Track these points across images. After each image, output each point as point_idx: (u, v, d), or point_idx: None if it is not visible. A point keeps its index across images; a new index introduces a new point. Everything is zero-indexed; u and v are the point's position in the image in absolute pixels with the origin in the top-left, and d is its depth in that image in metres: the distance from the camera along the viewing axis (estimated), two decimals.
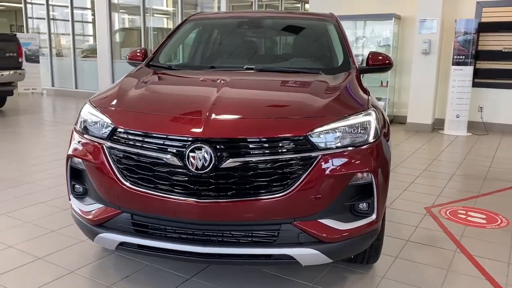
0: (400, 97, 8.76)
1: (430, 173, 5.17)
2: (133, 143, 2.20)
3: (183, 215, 2.11)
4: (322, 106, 2.30)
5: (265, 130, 2.12)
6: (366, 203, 2.26)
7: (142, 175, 2.17)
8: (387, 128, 2.57)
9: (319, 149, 2.13)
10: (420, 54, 7.77)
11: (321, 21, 3.67)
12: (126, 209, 2.23)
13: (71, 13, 12.56)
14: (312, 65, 3.26)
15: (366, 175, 2.21)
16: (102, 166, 2.24)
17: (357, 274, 2.73)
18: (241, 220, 2.11)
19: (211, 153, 2.03)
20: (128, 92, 2.54)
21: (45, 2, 12.86)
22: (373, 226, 2.30)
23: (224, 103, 2.29)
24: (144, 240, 2.21)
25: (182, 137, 2.09)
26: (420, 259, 2.95)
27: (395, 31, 8.49)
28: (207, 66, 3.30)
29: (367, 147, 2.25)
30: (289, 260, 2.16)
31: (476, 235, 3.38)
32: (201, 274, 2.68)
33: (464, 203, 4.10)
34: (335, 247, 2.19)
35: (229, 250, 2.13)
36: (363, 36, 8.92)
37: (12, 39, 8.80)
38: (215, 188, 2.07)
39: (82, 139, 2.39)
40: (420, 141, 7.09)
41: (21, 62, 8.91)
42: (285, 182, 2.09)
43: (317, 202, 2.13)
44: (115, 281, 2.59)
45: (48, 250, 2.95)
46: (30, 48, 12.63)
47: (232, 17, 3.81)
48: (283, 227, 2.13)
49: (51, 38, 13.28)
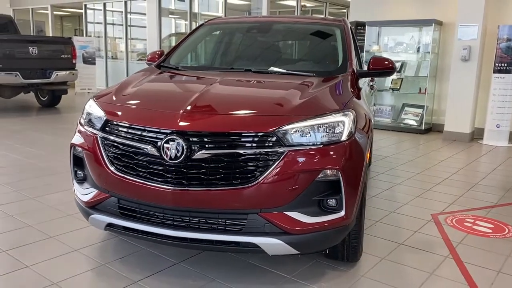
0: (440, 105, 8.54)
1: (452, 181, 5.06)
2: (119, 134, 2.44)
3: (159, 201, 2.32)
4: (295, 105, 2.43)
5: (235, 125, 2.28)
6: (334, 200, 2.35)
7: (127, 163, 2.40)
8: (367, 130, 2.65)
9: (286, 145, 2.26)
10: (459, 60, 7.55)
11: (328, 26, 3.77)
12: (114, 194, 2.48)
13: (125, 18, 13.32)
14: (308, 68, 3.38)
15: (334, 172, 2.31)
16: (95, 154, 2.51)
17: (338, 271, 2.81)
18: (210, 208, 2.29)
19: (183, 145, 2.22)
20: (125, 89, 2.80)
21: (102, 8, 13.73)
22: (342, 222, 2.38)
23: (203, 100, 2.48)
24: (128, 223, 2.44)
25: (158, 129, 2.30)
26: (406, 262, 2.97)
27: (436, 37, 8.31)
28: (210, 67, 3.51)
29: (338, 145, 2.35)
30: (256, 248, 2.30)
31: (475, 243, 3.32)
32: (189, 260, 2.88)
33: (475, 212, 4.01)
34: (300, 238, 2.31)
35: (200, 235, 2.31)
36: (402, 42, 8.79)
37: (67, 41, 9.51)
38: (187, 177, 2.26)
39: (83, 130, 2.66)
40: (454, 150, 6.90)
41: (74, 63, 9.60)
42: (251, 174, 2.24)
43: (283, 195, 2.26)
44: (110, 261, 2.84)
45: (61, 230, 3.28)
46: (87, 51, 13.52)
47: (243, 22, 4.00)
48: (250, 216, 2.28)
49: (107, 41, 14.14)
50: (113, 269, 2.75)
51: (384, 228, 3.56)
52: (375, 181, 4.95)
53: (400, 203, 4.19)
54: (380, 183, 4.88)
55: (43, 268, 2.72)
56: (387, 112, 8.86)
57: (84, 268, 2.75)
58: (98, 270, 2.73)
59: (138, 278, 2.64)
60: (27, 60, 8.70)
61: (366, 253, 3.05)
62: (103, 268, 2.76)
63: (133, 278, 2.64)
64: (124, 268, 2.76)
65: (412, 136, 8.10)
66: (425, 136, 8.16)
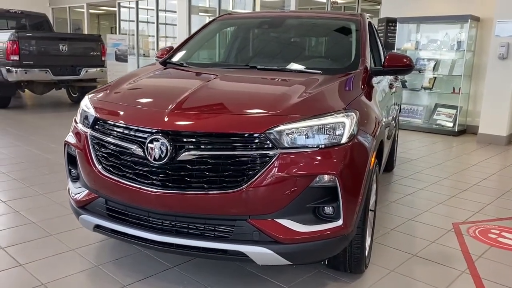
0: (475, 106, 8.09)
1: (481, 187, 4.72)
2: (107, 132, 2.35)
3: (144, 203, 2.21)
4: (291, 105, 2.26)
5: (222, 125, 2.14)
6: (331, 207, 2.17)
7: (113, 163, 2.31)
8: (373, 132, 2.44)
9: (277, 147, 2.09)
10: (496, 59, 7.10)
11: (343, 21, 3.56)
12: (102, 194, 2.39)
13: (156, 16, 13.42)
14: (316, 65, 3.18)
15: (330, 178, 2.12)
16: (84, 153, 2.43)
17: (340, 283, 2.62)
18: (196, 213, 2.15)
19: (167, 145, 2.10)
20: (119, 86, 2.70)
21: (135, 6, 13.90)
22: (340, 232, 2.19)
23: (193, 98, 2.34)
24: (115, 225, 2.34)
25: (143, 128, 2.19)
26: (417, 276, 2.74)
27: (472, 34, 7.87)
28: (217, 64, 3.38)
29: (336, 149, 2.16)
30: (243, 257, 2.15)
31: (498, 257, 3.04)
32: (185, 265, 2.76)
33: (503, 223, 3.70)
34: (292, 248, 2.14)
35: (185, 241, 2.18)
36: (436, 40, 8.38)
37: (97, 39, 9.66)
38: (172, 179, 2.13)
39: (77, 128, 2.59)
40: (488, 154, 6.49)
41: (103, 61, 9.73)
42: (240, 178, 2.09)
43: (273, 201, 2.10)
44: (104, 262, 2.77)
45: (62, 228, 3.24)
46: (120, 48, 13.72)
47: (256, 18, 3.84)
48: (238, 223, 2.13)
49: (139, 39, 14.31)
50: (105, 271, 2.67)
51: (398, 237, 3.32)
52: (396, 186, 4.68)
53: (420, 210, 3.93)
54: (401, 187, 4.61)
55: (35, 268, 2.67)
56: (419, 113, 8.48)
57: (77, 269, 2.68)
58: (90, 272, 2.66)
59: (129, 282, 2.54)
60: (57, 57, 8.87)
61: (374, 264, 2.84)
62: (95, 269, 2.69)
63: (124, 282, 2.54)
64: (117, 271, 2.67)
65: (444, 138, 7.70)
66: (458, 138, 7.74)
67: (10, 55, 8.35)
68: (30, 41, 8.53)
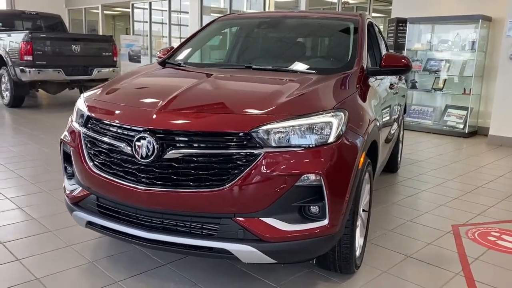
0: (486, 107, 7.96)
1: (486, 189, 4.66)
2: (98, 131, 2.40)
3: (132, 201, 2.25)
4: (278, 104, 2.26)
5: (208, 124, 2.16)
6: (317, 207, 2.17)
7: (104, 161, 2.35)
8: (363, 132, 2.44)
9: (262, 146, 2.11)
10: (507, 59, 6.99)
11: (342, 21, 3.55)
12: (93, 191, 2.43)
13: (169, 17, 13.54)
14: (312, 65, 3.18)
15: (316, 177, 2.13)
16: (77, 151, 2.48)
17: (330, 283, 2.62)
18: (182, 211, 2.18)
19: (154, 144, 2.13)
20: (112, 86, 2.74)
21: (148, 7, 14.05)
22: (326, 231, 2.20)
23: (182, 97, 2.37)
24: (106, 222, 2.39)
25: (130, 126, 2.23)
26: (410, 277, 2.73)
27: (484, 34, 7.75)
28: (215, 64, 3.40)
29: (322, 149, 2.17)
30: (229, 255, 2.17)
31: (495, 260, 3.00)
32: (177, 262, 2.79)
33: (504, 225, 3.65)
34: (277, 247, 2.15)
35: (172, 238, 2.21)
36: (447, 40, 8.27)
37: (109, 39, 9.80)
38: (159, 177, 2.16)
39: (72, 127, 2.64)
40: (497, 156, 6.39)
41: (115, 61, 9.86)
42: (225, 176, 2.11)
43: (258, 200, 2.11)
44: (99, 259, 2.82)
45: (60, 225, 3.30)
46: (133, 49, 13.92)
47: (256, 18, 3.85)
48: (223, 221, 2.15)
49: (152, 40, 14.45)
50: (99, 267, 2.71)
51: (395, 238, 3.30)
52: (399, 187, 4.65)
53: (420, 212, 3.89)
54: (404, 189, 4.58)
55: (31, 263, 2.73)
56: (429, 114, 8.39)
57: (72, 264, 2.74)
58: (85, 268, 2.71)
59: (121, 278, 2.59)
60: (70, 57, 9.03)
61: (366, 265, 2.83)
62: (89, 265, 2.74)
63: (116, 278, 2.59)
64: (110, 267, 2.72)
65: (454, 139, 7.60)
66: (468, 140, 7.63)
67: (24, 55, 8.53)
68: (43, 42, 8.70)
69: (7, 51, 8.85)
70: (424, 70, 8.44)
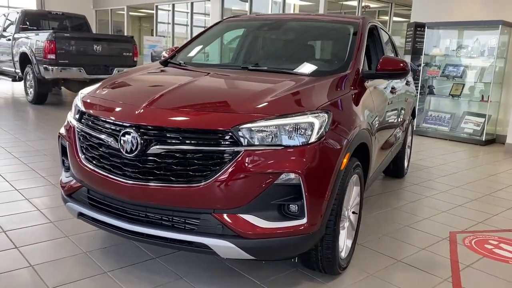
0: (505, 115, 7.79)
1: (492, 198, 4.57)
2: (89, 125, 2.50)
3: (118, 194, 2.33)
4: (261, 104, 2.31)
5: (190, 121, 2.22)
6: (295, 205, 2.21)
7: (93, 154, 2.45)
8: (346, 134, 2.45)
9: (243, 144, 2.15)
10: None
11: (342, 24, 3.56)
12: (84, 184, 2.53)
13: (191, 18, 13.75)
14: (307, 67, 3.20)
15: (294, 176, 2.16)
16: (71, 144, 2.59)
17: (314, 283, 2.64)
18: (164, 204, 2.24)
19: (138, 139, 2.21)
20: (108, 83, 2.85)
21: (171, 8, 14.29)
22: (304, 230, 2.22)
23: (169, 95, 2.44)
24: (95, 213, 2.48)
25: (117, 122, 2.31)
26: (396, 281, 2.72)
27: (504, 40, 7.59)
28: (214, 64, 3.47)
29: (302, 148, 2.20)
30: (208, 250, 2.22)
31: (488, 268, 2.95)
32: (167, 256, 2.87)
33: (504, 234, 3.58)
34: (255, 244, 2.19)
35: (154, 231, 2.28)
36: (466, 45, 8.13)
37: (129, 40, 10.02)
38: (142, 171, 2.24)
39: (69, 122, 2.75)
40: (511, 164, 6.24)
41: (135, 61, 10.06)
42: (205, 173, 2.16)
43: (237, 197, 2.16)
44: (92, 250, 2.92)
45: (60, 216, 3.42)
46: (155, 50, 14.16)
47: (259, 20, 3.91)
48: (203, 216, 2.21)
49: (174, 41, 14.69)
50: (91, 257, 2.81)
51: (388, 242, 3.29)
52: (403, 192, 4.61)
53: (420, 217, 3.86)
54: (408, 194, 4.54)
55: (27, 251, 2.85)
56: (446, 120, 8.26)
57: (65, 254, 2.84)
58: (78, 258, 2.81)
59: (110, 269, 2.67)
60: (91, 57, 9.27)
61: (354, 267, 2.84)
62: (82, 256, 2.83)
63: (105, 268, 2.68)
64: (102, 258, 2.81)
65: (470, 147, 7.46)
66: (485, 147, 7.48)
67: (48, 54, 8.81)
68: (66, 41, 8.97)
69: (33, 50, 9.17)
70: (442, 75, 8.32)
